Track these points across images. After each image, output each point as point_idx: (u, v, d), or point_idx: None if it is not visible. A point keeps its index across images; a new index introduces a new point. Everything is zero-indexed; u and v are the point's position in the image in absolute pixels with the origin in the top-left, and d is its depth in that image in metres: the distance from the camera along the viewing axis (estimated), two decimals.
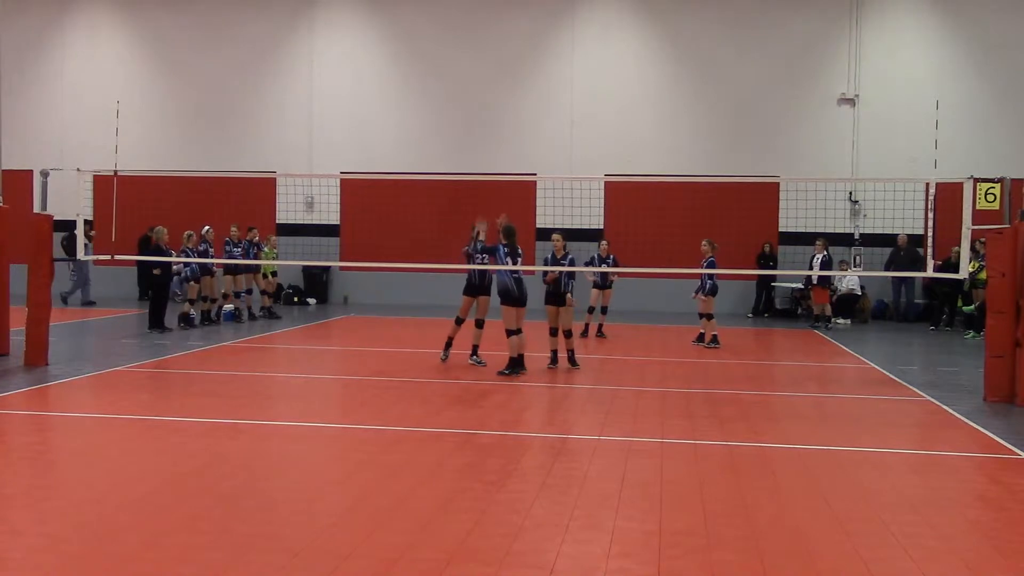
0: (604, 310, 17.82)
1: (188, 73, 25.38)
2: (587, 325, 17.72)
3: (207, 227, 18.83)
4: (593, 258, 17.71)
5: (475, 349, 13.73)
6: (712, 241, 16.46)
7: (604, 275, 17.44)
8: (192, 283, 18.20)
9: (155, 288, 17.48)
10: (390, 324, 20.10)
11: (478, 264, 13.51)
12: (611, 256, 17.95)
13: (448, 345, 13.97)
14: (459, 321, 13.95)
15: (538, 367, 13.41)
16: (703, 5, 23.78)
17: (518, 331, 12.75)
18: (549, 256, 14.05)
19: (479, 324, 13.76)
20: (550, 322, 13.61)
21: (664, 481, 7.53)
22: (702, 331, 16.59)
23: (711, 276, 16.26)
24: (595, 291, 17.66)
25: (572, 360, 13.52)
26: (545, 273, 13.62)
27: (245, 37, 25.10)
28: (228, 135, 25.10)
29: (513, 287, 12.86)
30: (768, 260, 22.39)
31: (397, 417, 10.06)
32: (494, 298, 13.52)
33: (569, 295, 13.50)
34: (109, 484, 7.23)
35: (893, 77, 23.12)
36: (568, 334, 13.52)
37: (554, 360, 13.60)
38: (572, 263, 13.77)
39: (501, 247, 12.91)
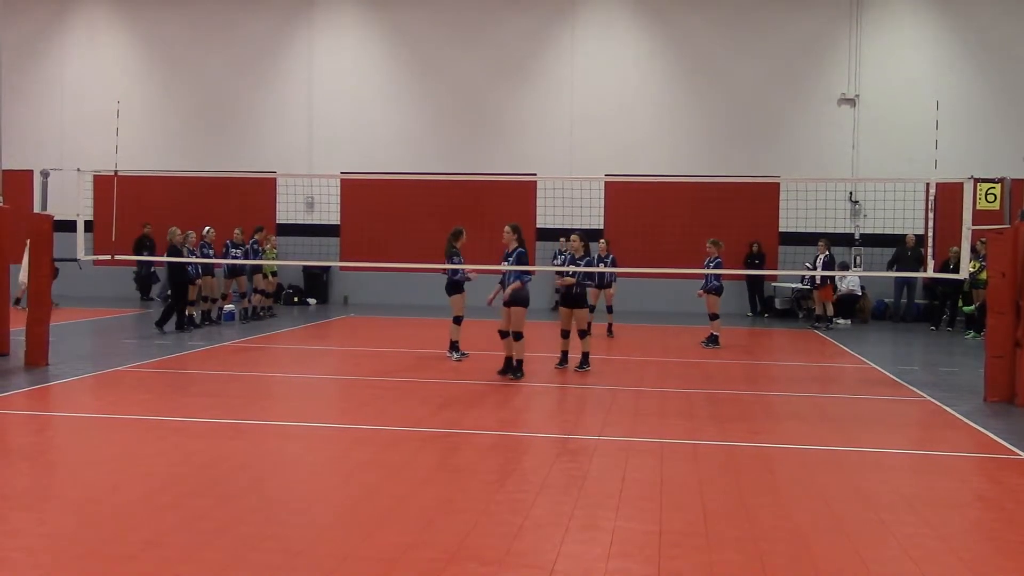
0: (610, 309, 17.82)
1: (188, 73, 25.39)
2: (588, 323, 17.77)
3: (208, 228, 18.81)
4: (592, 258, 17.67)
5: (454, 344, 14.27)
6: (717, 241, 16.45)
7: (602, 274, 17.42)
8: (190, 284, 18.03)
9: (173, 288, 17.40)
10: (390, 324, 20.11)
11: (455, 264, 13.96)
12: (610, 255, 17.95)
13: (454, 347, 14.22)
14: (458, 320, 14.20)
15: (538, 367, 13.42)
16: (703, 5, 23.78)
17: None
18: (568, 256, 14.04)
19: (457, 321, 14.19)
20: (563, 324, 13.51)
21: (664, 481, 7.53)
22: (713, 332, 16.56)
23: (716, 276, 16.26)
24: (593, 290, 17.66)
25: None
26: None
27: (245, 37, 25.11)
28: (228, 135, 25.11)
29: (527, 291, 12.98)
30: (755, 259, 22.40)
31: (397, 417, 10.06)
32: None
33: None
34: (109, 484, 7.23)
35: (893, 77, 23.12)
36: (583, 334, 13.36)
37: (564, 360, 13.57)
38: (590, 264, 13.83)
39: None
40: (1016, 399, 11.17)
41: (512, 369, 12.57)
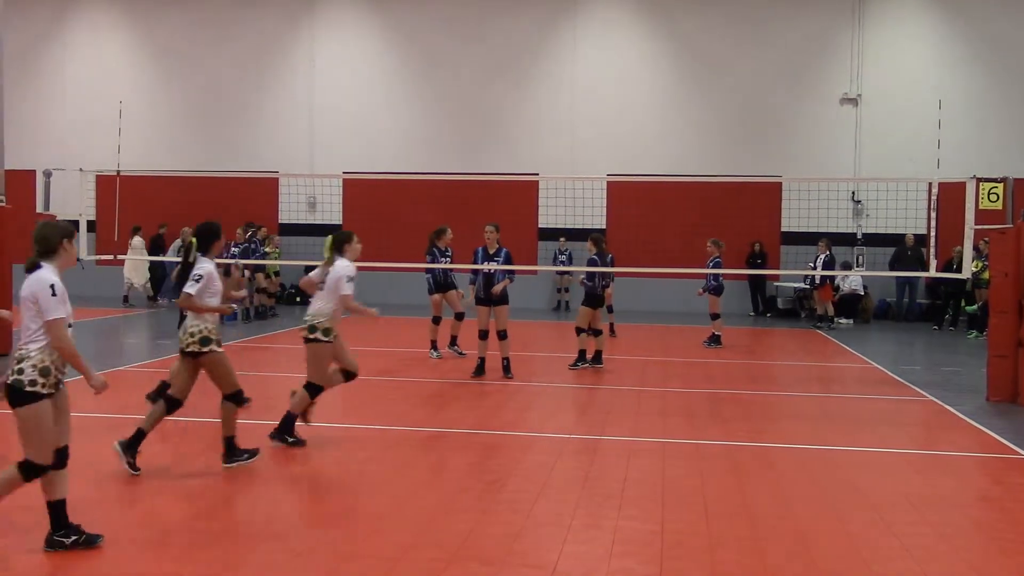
0: (610, 309, 17.75)
1: (190, 73, 25.39)
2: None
3: None
4: (599, 257, 17.53)
5: (454, 339, 14.46)
6: (718, 241, 16.43)
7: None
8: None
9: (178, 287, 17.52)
10: (390, 324, 20.08)
11: (441, 264, 14.14)
12: (609, 255, 17.75)
13: (435, 345, 14.40)
14: (437, 320, 14.44)
15: (538, 367, 13.40)
16: (705, 4, 23.75)
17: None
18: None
19: (459, 317, 14.31)
20: (592, 323, 13.44)
21: (666, 481, 7.52)
22: (715, 332, 16.54)
23: (716, 276, 16.24)
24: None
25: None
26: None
27: (247, 37, 25.11)
28: (230, 135, 25.11)
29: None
30: (757, 259, 22.38)
31: (398, 417, 10.05)
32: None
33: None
34: (109, 484, 7.23)
35: (896, 77, 23.09)
36: (579, 331, 13.32)
37: (598, 359, 13.48)
38: (594, 263, 13.75)
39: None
40: (1019, 398, 11.15)
41: (503, 369, 12.50)
